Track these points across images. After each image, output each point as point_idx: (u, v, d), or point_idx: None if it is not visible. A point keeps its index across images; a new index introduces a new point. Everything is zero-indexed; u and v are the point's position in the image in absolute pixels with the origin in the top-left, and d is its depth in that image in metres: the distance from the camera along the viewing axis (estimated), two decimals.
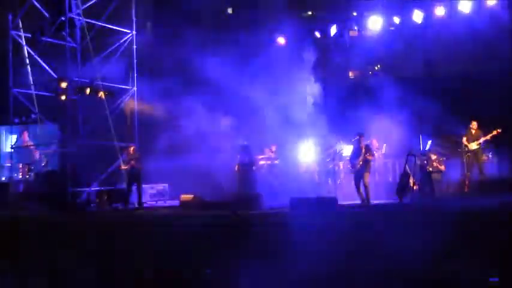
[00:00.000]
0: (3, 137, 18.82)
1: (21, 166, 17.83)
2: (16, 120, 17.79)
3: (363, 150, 12.55)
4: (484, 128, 14.33)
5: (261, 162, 16.58)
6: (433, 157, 14.57)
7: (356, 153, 12.82)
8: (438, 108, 14.90)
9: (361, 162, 12.50)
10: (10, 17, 16.23)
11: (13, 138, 17.23)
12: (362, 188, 12.54)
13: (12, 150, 16.98)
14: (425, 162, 13.34)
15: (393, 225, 9.82)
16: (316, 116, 16.20)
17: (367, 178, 12.57)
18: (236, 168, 14.62)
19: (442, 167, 14.48)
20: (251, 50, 17.38)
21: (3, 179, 18.22)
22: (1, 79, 16.83)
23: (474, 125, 14.51)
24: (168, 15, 16.25)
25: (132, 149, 15.07)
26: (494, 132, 14.08)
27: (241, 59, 16.65)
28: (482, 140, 14.28)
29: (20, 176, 18.00)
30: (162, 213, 13.48)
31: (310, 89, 17.37)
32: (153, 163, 15.47)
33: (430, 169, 13.58)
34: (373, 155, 12.77)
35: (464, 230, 9.04)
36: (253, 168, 14.09)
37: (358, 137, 12.92)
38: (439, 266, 8.22)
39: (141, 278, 9.18)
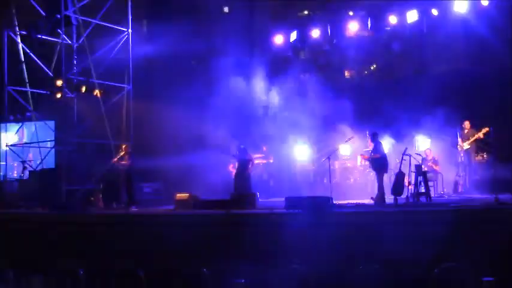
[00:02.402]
0: None
1: (16, 165, 17.78)
2: (11, 118, 17.75)
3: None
4: (478, 127, 14.35)
5: (256, 161, 16.61)
6: (429, 157, 14.60)
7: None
8: (433, 107, 14.95)
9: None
10: (5, 15, 16.20)
11: (8, 136, 17.16)
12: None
13: (7, 148, 16.91)
14: (421, 161, 13.35)
15: (388, 225, 9.84)
16: (311, 115, 16.28)
17: (380, 177, 12.56)
18: (230, 167, 14.58)
19: (437, 167, 14.52)
20: (247, 49, 17.42)
21: None
22: None
23: (467, 124, 14.53)
24: (164, 14, 16.22)
25: (123, 146, 14.96)
26: (483, 131, 14.07)
27: (238, 57, 16.69)
28: (472, 139, 14.32)
29: (15, 175, 17.96)
30: (157, 212, 13.47)
31: (305, 89, 17.48)
32: (148, 161, 15.44)
33: (426, 169, 13.58)
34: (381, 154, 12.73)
35: (459, 229, 9.10)
36: (249, 168, 14.04)
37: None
38: (434, 265, 8.26)
39: (137, 276, 9.19)
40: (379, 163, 12.62)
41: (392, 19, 16.63)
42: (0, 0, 16.57)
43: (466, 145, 14.38)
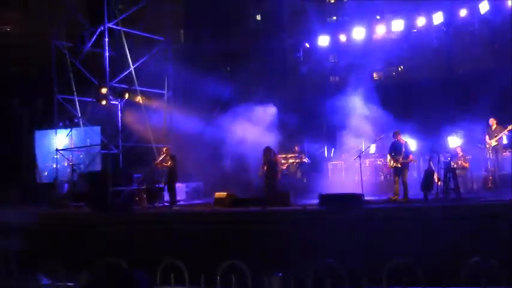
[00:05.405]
0: (49, 139, 19.84)
1: (66, 164, 18.73)
2: (60, 124, 18.76)
3: (403, 149, 13.00)
4: (504, 124, 14.57)
5: (290, 161, 17.21)
6: (459, 154, 14.80)
7: (396, 149, 13.18)
8: (460, 106, 15.21)
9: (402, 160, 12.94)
10: (53, 27, 17.18)
11: (58, 141, 18.11)
12: (400, 185, 13.03)
13: (58, 152, 17.85)
14: (450, 158, 13.58)
15: (418, 220, 10.29)
16: (342, 115, 16.70)
17: (406, 176, 13.01)
18: (260, 170, 14.95)
19: (466, 164, 14.60)
20: (279, 54, 17.93)
21: (47, 172, 19.24)
22: (47, 86, 17.81)
23: (493, 122, 14.75)
24: (200, 23, 16.92)
25: (164, 149, 15.65)
26: (510, 127, 14.26)
27: (270, 62, 17.22)
28: (499, 136, 14.56)
29: (65, 176, 18.94)
30: (197, 210, 14.22)
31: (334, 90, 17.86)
32: (189, 163, 16.15)
33: (455, 165, 13.78)
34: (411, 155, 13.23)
35: (488, 223, 9.48)
36: (276, 169, 14.47)
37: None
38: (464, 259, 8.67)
39: (179, 269, 9.86)
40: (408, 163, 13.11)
41: (420, 21, 16.97)
42: (48, 13, 17.49)
43: (493, 142, 14.62)
